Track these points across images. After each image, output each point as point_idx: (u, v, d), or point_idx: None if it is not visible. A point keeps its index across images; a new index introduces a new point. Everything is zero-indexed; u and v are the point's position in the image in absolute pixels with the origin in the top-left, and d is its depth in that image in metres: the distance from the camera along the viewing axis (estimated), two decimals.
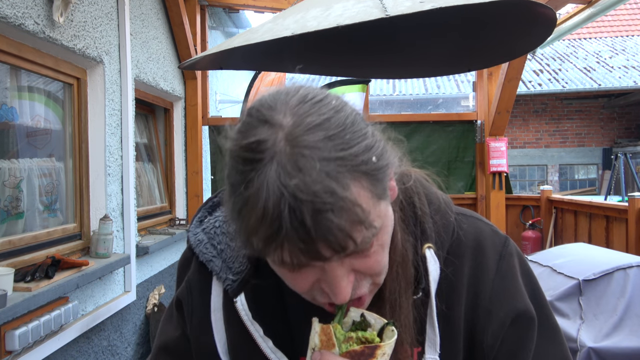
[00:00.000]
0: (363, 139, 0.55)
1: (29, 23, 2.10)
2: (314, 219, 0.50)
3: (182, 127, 4.35)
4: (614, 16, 14.69)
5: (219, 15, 5.40)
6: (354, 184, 0.52)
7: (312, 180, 0.50)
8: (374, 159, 0.55)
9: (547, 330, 0.74)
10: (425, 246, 0.70)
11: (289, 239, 0.51)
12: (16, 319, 1.94)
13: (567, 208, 4.37)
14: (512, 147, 12.28)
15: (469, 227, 0.75)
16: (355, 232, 0.52)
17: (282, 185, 0.50)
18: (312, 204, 0.50)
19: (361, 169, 0.53)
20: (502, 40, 2.56)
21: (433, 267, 0.69)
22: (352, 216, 0.52)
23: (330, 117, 0.54)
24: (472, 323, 0.71)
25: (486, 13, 2.14)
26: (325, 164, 0.51)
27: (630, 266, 2.44)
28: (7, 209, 2.20)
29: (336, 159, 0.52)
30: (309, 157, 0.51)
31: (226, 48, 1.80)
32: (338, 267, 0.56)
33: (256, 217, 0.52)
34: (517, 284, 0.73)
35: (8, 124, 2.26)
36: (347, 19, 1.62)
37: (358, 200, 0.52)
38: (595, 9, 3.54)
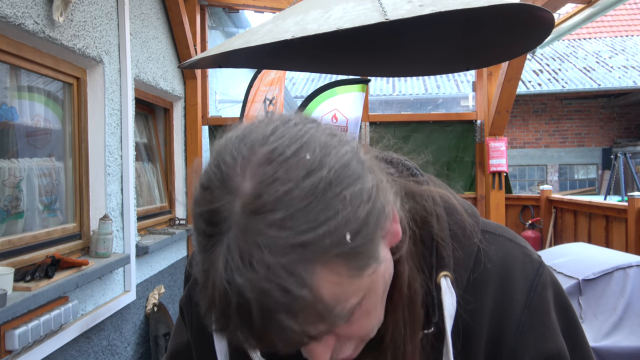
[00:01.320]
0: (337, 210, 0.44)
1: (28, 23, 2.10)
2: (262, 319, 0.43)
3: (182, 127, 4.35)
4: (613, 16, 14.70)
5: (218, 15, 5.40)
6: (319, 273, 0.43)
7: (262, 278, 0.42)
8: (347, 237, 0.44)
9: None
10: (440, 274, 0.60)
11: (240, 332, 0.45)
12: (16, 318, 1.94)
13: (567, 208, 4.37)
14: (512, 147, 12.29)
15: (497, 250, 0.64)
16: (312, 329, 0.45)
17: (229, 280, 0.43)
18: (261, 303, 0.43)
19: (331, 252, 0.44)
20: (500, 41, 2.57)
21: (449, 301, 0.59)
22: (310, 315, 0.44)
23: (297, 185, 0.44)
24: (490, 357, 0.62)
25: (485, 16, 2.15)
26: (281, 256, 0.42)
27: (630, 266, 2.44)
28: (6, 208, 2.20)
29: (296, 246, 0.42)
30: (263, 248, 0.42)
31: (226, 50, 1.80)
32: (315, 344, 0.50)
33: (207, 303, 0.46)
34: (550, 321, 0.62)
35: (8, 123, 2.26)
36: (347, 22, 1.62)
37: (320, 296, 0.44)
38: (594, 8, 3.55)
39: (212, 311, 0.46)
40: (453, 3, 1.65)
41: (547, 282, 0.64)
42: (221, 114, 5.68)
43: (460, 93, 10.93)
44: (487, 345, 0.62)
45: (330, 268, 0.44)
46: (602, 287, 2.42)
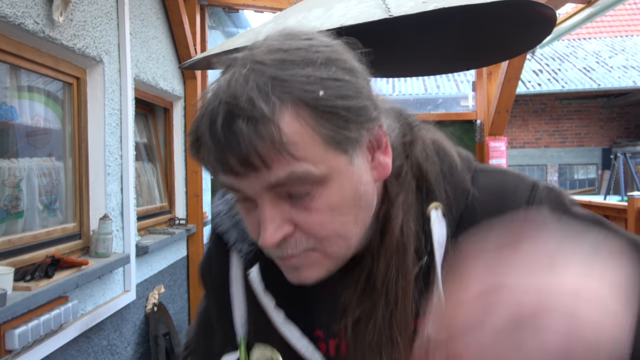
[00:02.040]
0: (321, 72, 0.51)
1: (28, 22, 2.10)
2: (224, 124, 0.49)
3: (182, 127, 4.35)
4: (613, 16, 14.70)
5: (218, 15, 5.40)
6: (287, 107, 0.50)
7: (240, 89, 0.49)
8: (321, 92, 0.50)
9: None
10: (431, 206, 0.61)
11: (205, 143, 0.51)
12: (16, 318, 1.94)
13: None
14: (512, 147, 12.29)
15: (489, 182, 0.64)
16: (263, 149, 0.49)
17: (218, 90, 0.52)
18: (228, 107, 0.49)
19: (303, 97, 0.50)
20: (501, 40, 2.57)
21: (437, 228, 0.60)
22: (264, 131, 0.49)
23: (300, 47, 0.53)
24: None
25: (487, 12, 2.15)
26: (261, 78, 0.50)
27: None
28: (6, 208, 2.20)
29: (275, 77, 0.50)
30: (252, 71, 0.51)
31: (228, 48, 1.80)
32: (268, 206, 0.53)
33: (194, 121, 0.54)
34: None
35: (8, 123, 2.26)
36: (351, 19, 1.63)
37: (279, 121, 0.49)
38: (594, 8, 3.55)
39: (194, 125, 0.53)
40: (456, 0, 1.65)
41: (542, 198, 0.61)
42: None
43: (460, 93, 10.94)
44: None
45: (298, 111, 0.50)
46: None
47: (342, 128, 0.52)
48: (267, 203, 0.53)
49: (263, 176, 0.51)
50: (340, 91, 0.52)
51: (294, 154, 0.50)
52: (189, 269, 4.43)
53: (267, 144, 0.49)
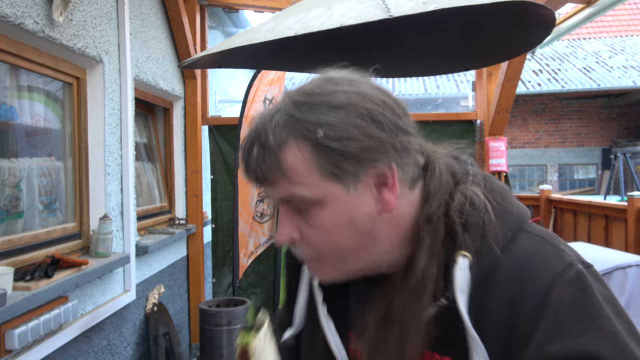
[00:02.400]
0: (330, 115, 0.62)
1: (28, 22, 2.10)
2: (247, 147, 0.65)
3: (182, 127, 4.35)
4: (613, 16, 14.70)
5: (218, 15, 5.40)
6: (293, 142, 0.62)
7: (265, 122, 0.64)
8: (320, 133, 0.61)
9: None
10: (459, 252, 0.64)
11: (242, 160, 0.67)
12: (16, 318, 1.94)
13: (567, 208, 4.37)
14: (512, 147, 12.29)
15: (528, 246, 0.65)
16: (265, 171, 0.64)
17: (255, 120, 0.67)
18: (252, 135, 0.65)
19: (306, 135, 0.62)
20: (501, 40, 2.57)
21: (460, 276, 0.63)
22: (267, 158, 0.63)
23: (325, 92, 0.64)
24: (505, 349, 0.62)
25: (486, 13, 2.15)
26: (280, 116, 0.63)
27: (630, 265, 2.44)
28: (6, 208, 2.20)
29: (291, 116, 0.63)
30: (280, 108, 0.65)
31: (227, 48, 1.80)
32: (283, 212, 0.67)
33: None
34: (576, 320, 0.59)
35: (7, 123, 2.26)
36: (351, 19, 1.62)
37: (281, 151, 0.62)
38: (594, 8, 3.55)
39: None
40: (456, 0, 1.65)
41: (572, 280, 0.61)
42: (221, 113, 5.68)
43: (460, 93, 10.94)
44: (506, 333, 0.62)
45: (300, 146, 0.62)
46: None
47: (339, 162, 0.62)
48: (283, 210, 0.68)
49: (273, 190, 0.66)
50: (342, 133, 0.62)
51: (290, 179, 0.63)
52: (188, 269, 4.43)
53: (268, 167, 0.63)
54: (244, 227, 3.86)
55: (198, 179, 4.40)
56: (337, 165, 0.62)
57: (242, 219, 3.83)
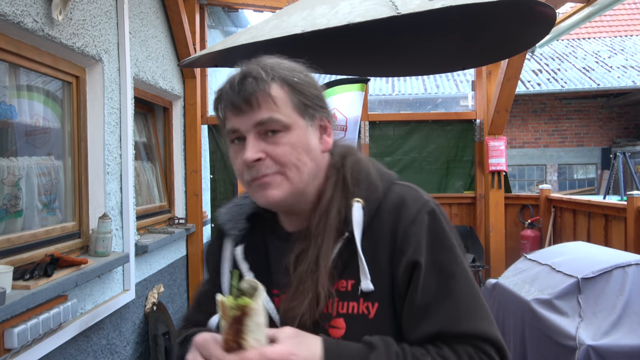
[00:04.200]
0: (299, 72, 0.92)
1: (27, 21, 2.10)
2: (239, 80, 0.88)
3: (181, 126, 4.35)
4: (612, 16, 14.71)
5: (218, 14, 5.40)
6: (277, 80, 0.89)
7: (253, 66, 0.90)
8: (295, 78, 0.90)
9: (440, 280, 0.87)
10: (353, 200, 0.91)
11: (225, 93, 0.90)
12: (15, 316, 1.94)
13: (566, 207, 4.37)
14: (511, 146, 12.29)
15: (400, 191, 0.94)
16: (259, 95, 0.87)
17: (236, 71, 0.91)
18: (243, 73, 0.89)
19: (286, 78, 0.89)
20: (502, 38, 2.57)
21: (357, 214, 0.90)
22: (261, 86, 0.87)
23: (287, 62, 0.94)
24: (392, 260, 0.89)
25: (489, 11, 2.15)
26: (266, 64, 0.90)
27: (629, 264, 2.44)
28: (5, 207, 2.20)
29: (272, 66, 0.90)
30: (258, 63, 0.91)
31: (231, 45, 1.80)
32: (252, 139, 0.88)
33: (218, 89, 0.92)
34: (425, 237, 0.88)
35: (7, 122, 2.25)
36: (358, 16, 1.62)
37: (270, 84, 0.88)
38: (594, 7, 3.55)
39: (218, 92, 0.92)
40: None
41: (431, 211, 0.91)
42: None
43: (460, 93, 10.93)
44: (388, 251, 0.89)
45: (282, 85, 0.90)
46: (601, 285, 2.42)
47: (305, 103, 0.91)
48: (253, 137, 0.88)
49: (254, 114, 0.87)
50: (308, 84, 0.92)
51: (273, 104, 0.87)
52: (188, 268, 4.42)
53: (261, 92, 0.87)
54: None
55: (197, 179, 4.40)
56: (303, 104, 0.90)
57: None
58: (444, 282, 0.86)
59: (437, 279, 0.86)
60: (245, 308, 0.75)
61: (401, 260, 0.87)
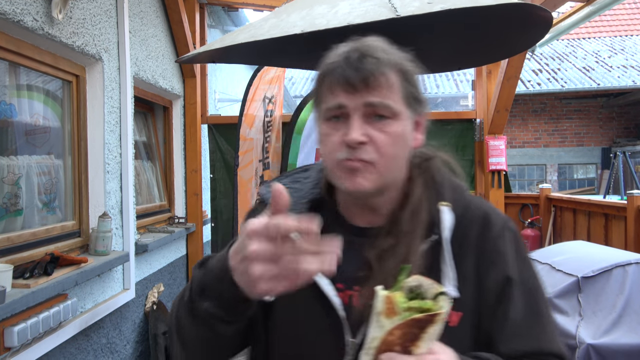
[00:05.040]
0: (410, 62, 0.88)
1: (27, 19, 2.10)
2: (359, 58, 0.82)
3: (181, 126, 4.35)
4: (612, 16, 14.71)
5: (218, 13, 5.40)
6: (395, 69, 0.84)
7: (370, 46, 0.84)
8: (409, 68, 0.86)
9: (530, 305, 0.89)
10: (441, 202, 0.90)
11: (339, 68, 0.83)
12: (15, 315, 1.94)
13: (566, 206, 4.37)
14: (511, 146, 12.29)
15: (481, 204, 0.95)
16: (378, 76, 0.82)
17: (351, 45, 0.85)
18: (361, 50, 0.83)
19: (400, 66, 0.85)
20: (499, 39, 2.57)
21: (447, 217, 0.88)
22: (382, 68, 0.82)
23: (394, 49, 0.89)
24: (478, 270, 0.88)
25: (487, 14, 2.15)
26: (385, 47, 0.86)
27: (629, 263, 2.44)
28: (5, 205, 2.20)
29: (388, 49, 0.86)
30: (377, 43, 0.86)
31: (230, 44, 1.79)
32: (359, 119, 0.83)
33: (328, 59, 0.86)
34: (511, 254, 0.90)
35: (7, 120, 2.25)
36: (357, 17, 1.62)
37: (390, 72, 0.83)
38: (593, 7, 3.55)
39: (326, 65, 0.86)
40: (461, 1, 1.65)
41: (512, 229, 0.93)
42: (220, 112, 5.67)
43: (460, 92, 10.93)
44: (475, 260, 0.89)
45: (396, 71, 0.85)
46: (601, 284, 2.42)
47: (413, 95, 0.87)
48: (359, 117, 0.83)
49: (367, 95, 0.82)
50: (417, 76, 0.88)
51: (389, 88, 0.83)
52: (188, 267, 4.42)
53: (380, 74, 0.82)
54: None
55: (197, 178, 4.40)
56: (412, 95, 0.86)
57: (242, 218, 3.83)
58: (534, 300, 0.88)
59: (528, 296, 0.88)
60: (435, 315, 0.67)
61: (491, 272, 0.87)
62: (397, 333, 0.67)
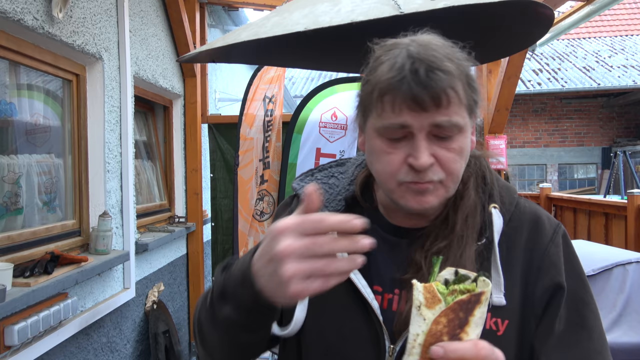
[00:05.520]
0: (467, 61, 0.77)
1: (28, 18, 2.10)
2: (426, 72, 0.71)
3: (182, 125, 4.35)
4: (613, 16, 14.71)
5: (218, 13, 5.40)
6: (461, 78, 0.74)
7: (435, 53, 0.73)
8: (471, 72, 0.77)
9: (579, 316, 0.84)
10: (491, 205, 0.86)
11: (404, 83, 0.71)
12: (15, 314, 1.94)
13: (567, 206, 4.37)
14: (512, 146, 12.29)
15: (530, 206, 0.90)
16: (450, 92, 0.72)
17: (411, 52, 0.73)
18: (428, 63, 0.71)
19: (467, 74, 0.76)
20: (500, 37, 2.56)
21: (497, 221, 0.84)
22: (453, 82, 0.72)
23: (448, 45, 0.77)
24: (526, 277, 0.83)
25: (490, 11, 2.15)
26: (446, 51, 0.74)
27: (630, 262, 2.44)
28: (6, 204, 2.20)
29: (449, 55, 0.74)
30: (435, 46, 0.74)
31: (232, 42, 1.79)
32: (425, 140, 0.75)
33: (385, 70, 0.73)
34: (562, 260, 0.85)
35: (7, 119, 2.25)
36: (361, 15, 1.62)
37: (458, 83, 0.73)
38: (593, 6, 3.55)
39: (387, 75, 0.73)
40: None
41: (564, 234, 0.88)
42: (221, 112, 5.67)
43: None
44: (523, 265, 0.84)
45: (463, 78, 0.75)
46: (602, 283, 2.42)
47: (475, 101, 0.79)
48: (425, 138, 0.75)
49: (436, 114, 0.73)
50: (476, 81, 0.79)
51: (457, 104, 0.74)
52: (188, 267, 4.42)
53: (451, 90, 0.73)
54: (244, 225, 3.86)
55: (198, 177, 4.40)
56: (474, 102, 0.78)
57: (242, 218, 3.83)
58: (583, 312, 0.84)
59: (577, 307, 0.83)
60: (481, 295, 0.63)
61: (541, 279, 0.82)
62: (443, 321, 0.63)
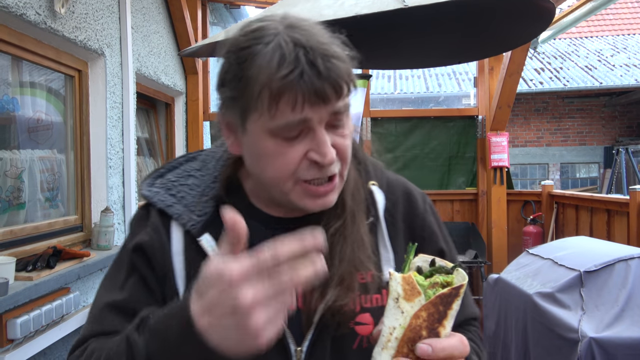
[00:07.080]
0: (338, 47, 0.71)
1: (30, 13, 2.10)
2: (323, 62, 0.65)
3: (183, 122, 4.35)
4: (615, 15, 14.69)
5: (219, 10, 5.40)
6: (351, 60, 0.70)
7: (319, 37, 0.67)
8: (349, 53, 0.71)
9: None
10: (370, 183, 0.86)
11: (304, 79, 0.64)
12: (18, 307, 1.94)
13: (569, 203, 4.36)
14: (514, 145, 12.27)
15: (397, 178, 0.92)
16: (347, 80, 0.68)
17: (296, 38, 0.65)
18: (322, 51, 0.65)
19: (342, 49, 0.70)
20: (501, 32, 2.57)
21: (379, 197, 0.85)
22: (347, 69, 0.68)
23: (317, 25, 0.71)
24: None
25: (492, 5, 2.15)
26: (322, 31, 0.69)
27: (632, 257, 2.44)
28: (8, 199, 2.20)
29: (328, 34, 0.69)
30: (310, 28, 0.68)
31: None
32: (324, 133, 0.69)
33: (274, 65, 0.64)
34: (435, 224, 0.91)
35: (9, 114, 2.26)
36: (365, 8, 1.62)
37: (347, 63, 0.69)
38: (595, 2, 3.54)
39: (279, 73, 0.64)
40: None
41: (430, 202, 0.93)
42: None
43: (462, 91, 10.93)
44: (405, 236, 0.85)
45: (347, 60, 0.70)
46: (604, 278, 2.41)
47: (352, 81, 0.71)
48: (323, 130, 0.69)
49: (334, 103, 0.68)
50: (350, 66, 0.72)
51: (352, 87, 0.70)
52: None
53: (347, 76, 0.68)
54: None
55: None
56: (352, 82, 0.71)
57: None
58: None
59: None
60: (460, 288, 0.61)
61: (425, 248, 0.80)
62: (424, 315, 0.60)
